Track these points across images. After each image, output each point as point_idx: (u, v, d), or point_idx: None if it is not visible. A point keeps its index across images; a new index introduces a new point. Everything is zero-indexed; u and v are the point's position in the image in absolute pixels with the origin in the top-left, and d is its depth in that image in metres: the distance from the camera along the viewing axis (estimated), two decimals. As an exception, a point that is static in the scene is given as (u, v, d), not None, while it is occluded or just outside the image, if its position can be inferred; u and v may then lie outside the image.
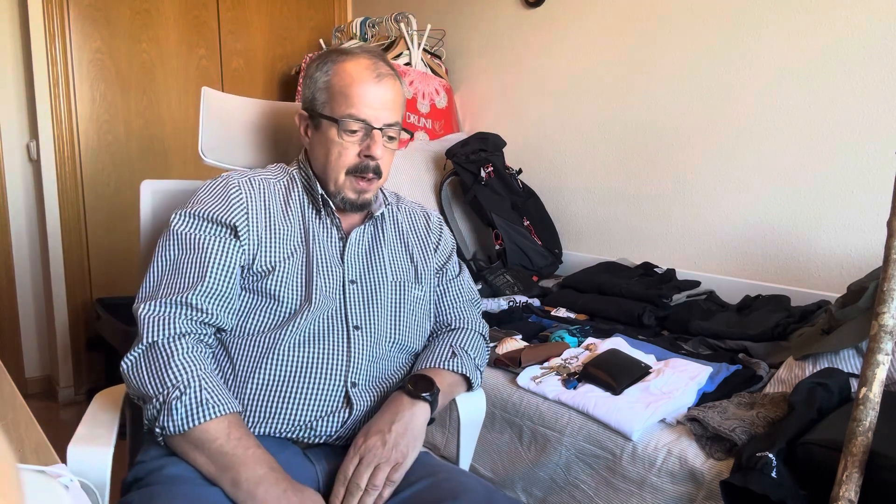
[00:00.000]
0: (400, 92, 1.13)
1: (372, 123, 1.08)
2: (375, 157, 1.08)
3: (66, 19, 2.68)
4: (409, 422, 0.99)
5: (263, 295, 1.03)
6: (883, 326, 0.95)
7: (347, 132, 1.08)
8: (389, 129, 1.10)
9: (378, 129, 1.08)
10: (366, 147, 1.08)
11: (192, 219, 1.05)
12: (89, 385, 2.88)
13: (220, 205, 1.05)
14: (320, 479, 0.99)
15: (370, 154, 1.08)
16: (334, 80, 1.10)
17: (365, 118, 1.07)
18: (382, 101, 1.08)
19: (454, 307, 1.23)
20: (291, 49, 3.30)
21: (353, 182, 1.09)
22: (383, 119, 1.09)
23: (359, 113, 1.07)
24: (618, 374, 1.43)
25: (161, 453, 0.95)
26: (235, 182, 1.09)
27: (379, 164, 1.09)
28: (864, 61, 1.77)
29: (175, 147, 3.01)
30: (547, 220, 2.53)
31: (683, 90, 2.16)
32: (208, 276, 1.00)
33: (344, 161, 1.09)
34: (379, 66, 1.10)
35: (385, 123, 1.09)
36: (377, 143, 1.08)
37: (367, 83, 1.08)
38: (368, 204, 1.13)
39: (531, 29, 2.61)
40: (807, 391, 1.21)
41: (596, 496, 1.35)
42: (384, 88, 1.09)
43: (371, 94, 1.08)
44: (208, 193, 1.07)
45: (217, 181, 1.10)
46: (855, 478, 0.92)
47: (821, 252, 1.89)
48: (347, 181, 1.10)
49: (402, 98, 1.14)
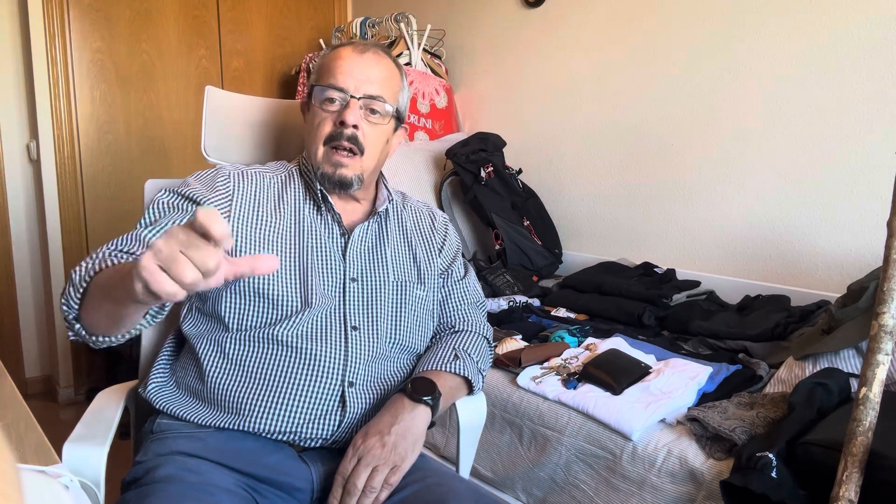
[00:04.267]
0: (390, 71, 1.10)
1: (349, 91, 1.06)
2: (348, 124, 1.05)
3: (66, 19, 2.68)
4: (410, 425, 0.98)
5: (255, 293, 1.02)
6: (883, 326, 0.95)
7: (326, 101, 1.07)
8: (372, 102, 1.07)
9: (356, 98, 1.06)
10: (342, 115, 1.06)
11: (172, 195, 1.04)
12: (89, 385, 2.89)
13: (204, 189, 1.05)
14: (315, 481, 0.98)
15: (343, 120, 1.05)
16: (323, 61, 1.11)
17: (343, 86, 1.06)
18: (364, 72, 1.07)
19: (458, 309, 1.22)
20: (291, 49, 3.30)
21: (330, 154, 1.07)
22: (364, 90, 1.06)
23: (336, 81, 1.06)
24: (618, 374, 1.43)
25: (157, 454, 0.94)
26: (226, 172, 1.09)
27: (357, 135, 1.06)
28: (864, 61, 1.77)
29: (175, 147, 3.01)
30: (547, 220, 2.53)
31: (684, 90, 2.16)
32: (161, 224, 0.98)
33: (322, 131, 1.07)
34: (368, 46, 1.10)
35: (366, 94, 1.06)
36: (351, 109, 1.05)
37: (350, 56, 1.08)
38: (349, 183, 1.08)
39: (531, 29, 2.61)
40: (807, 391, 1.21)
41: (596, 496, 1.35)
42: (367, 61, 1.08)
43: (351, 64, 1.07)
44: (196, 179, 1.08)
45: (209, 170, 1.10)
46: (855, 478, 0.92)
47: (821, 252, 1.89)
48: (325, 154, 1.07)
49: (392, 78, 1.11)
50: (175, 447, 0.95)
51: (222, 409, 1.00)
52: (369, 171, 1.11)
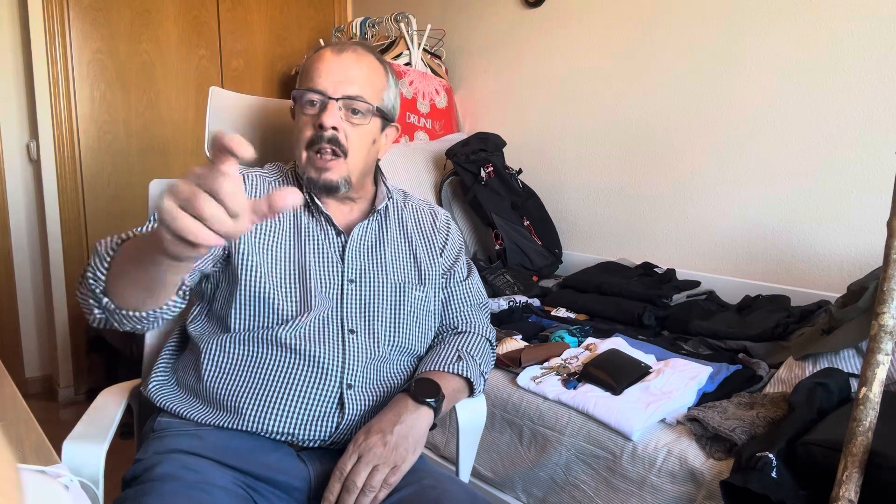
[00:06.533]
0: (371, 70, 1.08)
1: (327, 93, 1.04)
2: (326, 126, 1.03)
3: (66, 19, 2.68)
4: (412, 426, 0.97)
5: (256, 298, 1.02)
6: (883, 326, 0.95)
7: (307, 104, 1.06)
8: (352, 102, 1.05)
9: (333, 98, 1.04)
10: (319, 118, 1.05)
11: None
12: (89, 385, 2.89)
13: None
14: (312, 480, 0.98)
15: (321, 123, 1.03)
16: (305, 63, 1.10)
17: (321, 88, 1.04)
18: (343, 73, 1.05)
19: (461, 311, 1.21)
20: (291, 49, 3.30)
21: (313, 159, 1.06)
22: (342, 90, 1.04)
23: (314, 84, 1.05)
24: (618, 374, 1.43)
25: (156, 451, 0.94)
26: None
27: (337, 137, 1.04)
28: (864, 61, 1.77)
29: (175, 147, 3.00)
30: (547, 219, 2.53)
31: (683, 90, 2.16)
32: None
33: (304, 136, 1.06)
34: (346, 45, 1.08)
35: (345, 94, 1.04)
36: (329, 112, 1.03)
37: (328, 57, 1.06)
38: (334, 187, 1.07)
39: (531, 29, 2.61)
40: (807, 391, 1.21)
41: (596, 496, 1.35)
42: (345, 61, 1.06)
43: (328, 65, 1.05)
44: None
45: None
46: (855, 478, 0.92)
47: (821, 252, 1.89)
48: (308, 159, 1.06)
49: (374, 76, 1.09)
50: (174, 445, 0.95)
51: (221, 408, 1.00)
52: (357, 172, 1.09)
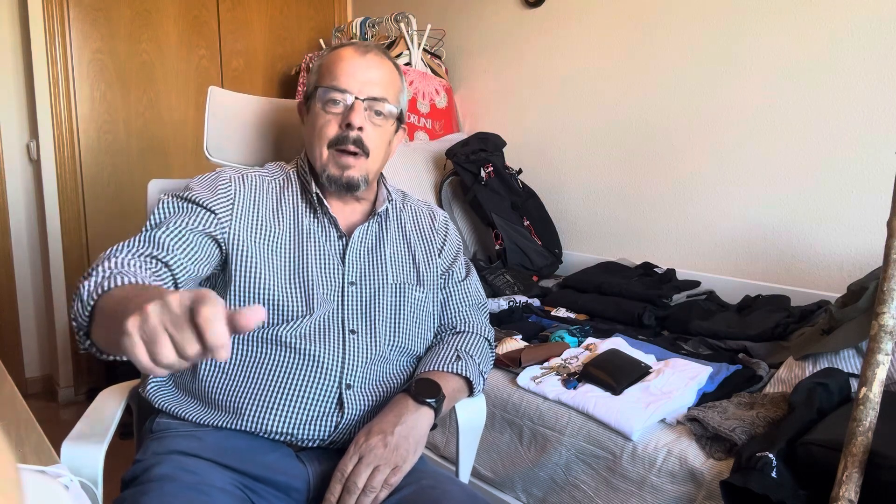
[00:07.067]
0: (392, 73, 1.12)
1: (353, 93, 1.07)
2: (354, 126, 1.05)
3: (66, 19, 2.68)
4: (413, 426, 0.97)
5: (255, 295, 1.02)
6: (883, 326, 0.95)
7: (330, 103, 1.07)
8: (376, 104, 1.08)
9: (360, 99, 1.06)
10: (347, 117, 1.06)
11: (174, 199, 1.04)
12: (89, 385, 2.89)
13: (206, 193, 1.05)
14: (311, 481, 0.98)
15: (350, 122, 1.05)
16: (324, 62, 1.11)
17: (347, 88, 1.06)
18: (367, 74, 1.08)
19: (459, 311, 1.21)
20: (291, 49, 3.30)
21: (336, 156, 1.07)
22: (367, 91, 1.07)
23: (339, 83, 1.07)
24: (618, 374, 1.43)
25: (155, 452, 0.94)
26: (227, 176, 1.09)
27: (362, 137, 1.06)
28: (864, 61, 1.77)
29: (175, 147, 3.00)
30: (547, 219, 2.53)
31: (683, 90, 2.16)
32: (171, 223, 0.98)
33: (326, 133, 1.07)
34: (369, 47, 1.11)
35: (369, 96, 1.07)
36: (357, 111, 1.06)
37: (352, 58, 1.09)
38: (356, 184, 1.09)
39: (531, 29, 2.61)
40: (807, 391, 1.21)
41: (596, 496, 1.35)
42: (369, 63, 1.09)
43: (353, 66, 1.07)
44: (198, 183, 1.08)
45: (210, 174, 1.10)
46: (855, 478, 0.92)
47: (821, 252, 1.89)
48: (330, 156, 1.08)
49: (394, 80, 1.12)
50: (173, 446, 0.95)
51: (220, 408, 1.00)
52: (374, 172, 1.12)
